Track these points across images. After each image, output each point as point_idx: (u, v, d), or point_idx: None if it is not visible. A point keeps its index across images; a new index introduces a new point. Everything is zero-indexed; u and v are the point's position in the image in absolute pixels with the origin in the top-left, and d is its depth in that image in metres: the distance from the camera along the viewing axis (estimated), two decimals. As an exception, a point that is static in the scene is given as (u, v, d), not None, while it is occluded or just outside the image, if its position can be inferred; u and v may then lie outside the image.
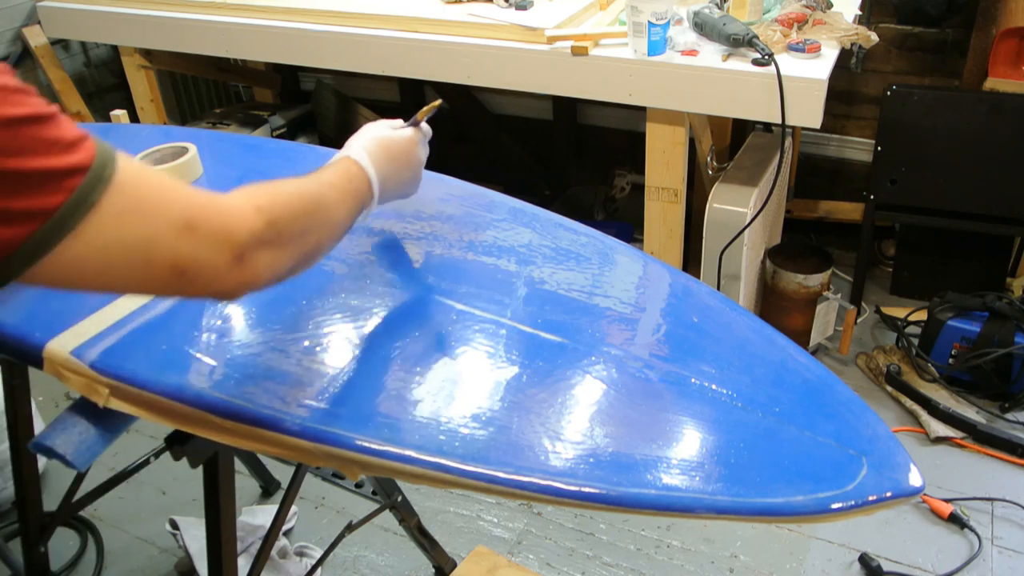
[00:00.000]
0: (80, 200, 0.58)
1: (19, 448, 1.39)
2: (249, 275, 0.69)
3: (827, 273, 2.12)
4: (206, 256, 0.65)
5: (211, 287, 0.67)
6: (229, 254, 0.66)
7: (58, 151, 0.57)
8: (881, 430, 0.83)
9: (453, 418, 0.83)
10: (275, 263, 0.72)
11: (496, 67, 1.87)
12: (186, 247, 0.64)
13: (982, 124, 2.07)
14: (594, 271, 1.07)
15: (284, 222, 0.72)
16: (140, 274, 0.63)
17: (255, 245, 0.69)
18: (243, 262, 0.68)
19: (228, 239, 0.66)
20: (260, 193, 0.72)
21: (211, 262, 0.65)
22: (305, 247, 0.76)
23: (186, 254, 0.64)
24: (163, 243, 0.63)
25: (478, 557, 1.69)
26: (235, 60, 2.94)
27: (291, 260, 0.74)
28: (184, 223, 0.63)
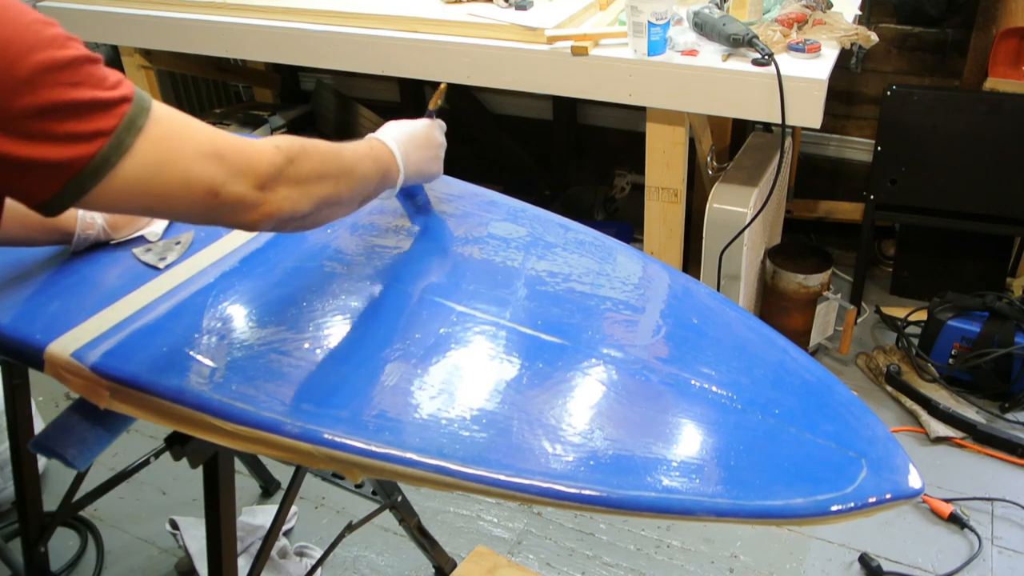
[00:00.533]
0: (130, 124, 0.67)
1: (19, 448, 1.40)
2: (272, 205, 0.76)
3: (827, 273, 2.12)
4: (234, 182, 0.73)
5: (239, 212, 0.75)
6: (253, 180, 0.74)
7: (108, 85, 0.67)
8: (880, 431, 0.83)
9: (454, 420, 0.83)
10: (294, 198, 0.78)
11: (496, 67, 1.87)
12: (217, 171, 0.72)
13: (982, 124, 2.07)
14: (594, 272, 1.07)
15: (302, 162, 0.79)
16: (181, 194, 0.71)
17: (276, 177, 0.76)
18: (266, 192, 0.76)
19: (251, 168, 0.74)
20: (283, 138, 0.80)
21: (238, 186, 0.73)
22: (324, 190, 0.83)
23: (218, 178, 0.72)
24: (197, 167, 0.71)
25: (478, 557, 1.69)
26: (235, 60, 2.94)
27: (309, 200, 0.81)
28: (212, 151, 0.72)
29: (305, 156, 0.80)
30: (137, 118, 0.68)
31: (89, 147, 0.65)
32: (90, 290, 1.02)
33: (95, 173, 0.66)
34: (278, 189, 0.77)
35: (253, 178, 0.74)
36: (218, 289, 1.02)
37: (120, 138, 0.67)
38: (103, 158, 0.66)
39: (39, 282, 1.04)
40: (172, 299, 0.99)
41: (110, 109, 0.67)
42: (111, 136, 0.66)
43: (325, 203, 0.84)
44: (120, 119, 0.67)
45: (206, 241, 1.11)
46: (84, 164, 0.66)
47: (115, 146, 0.67)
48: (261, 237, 1.11)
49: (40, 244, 1.08)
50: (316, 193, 0.81)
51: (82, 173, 0.66)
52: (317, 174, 0.82)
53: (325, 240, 1.12)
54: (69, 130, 0.64)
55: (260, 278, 1.04)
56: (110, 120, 0.66)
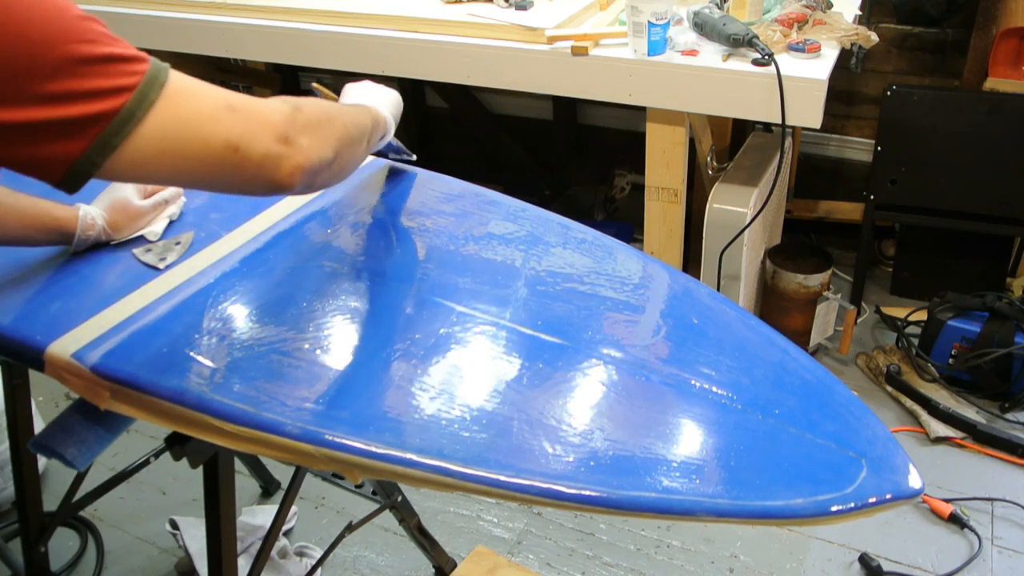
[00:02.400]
0: (152, 79, 0.68)
1: (19, 448, 1.40)
2: (299, 156, 0.76)
3: (827, 273, 2.12)
4: (252, 133, 0.72)
5: (268, 170, 0.74)
6: (273, 134, 0.74)
7: (126, 46, 0.69)
8: (880, 431, 0.83)
9: (454, 421, 0.83)
10: (316, 144, 0.78)
11: (496, 67, 1.87)
12: (234, 125, 0.71)
13: (982, 124, 2.07)
14: (594, 272, 1.07)
15: (307, 108, 0.79)
16: (202, 152, 0.70)
17: (293, 126, 0.76)
18: (290, 143, 0.75)
19: (267, 121, 0.74)
20: (279, 96, 0.80)
21: (259, 140, 0.73)
22: (335, 130, 0.83)
23: (235, 131, 0.71)
24: (213, 120, 0.71)
25: (478, 557, 1.69)
26: (235, 60, 2.93)
27: (329, 143, 0.81)
28: (225, 104, 0.72)
29: (306, 103, 0.80)
30: (158, 74, 0.69)
31: (114, 101, 0.66)
32: (90, 291, 1.02)
33: (121, 129, 0.66)
34: (299, 139, 0.76)
35: (271, 130, 0.74)
36: (218, 289, 1.01)
37: (144, 93, 0.67)
38: (128, 112, 0.67)
39: (39, 283, 1.04)
40: (172, 299, 0.99)
41: (131, 65, 0.68)
42: (135, 91, 0.67)
43: (343, 144, 0.84)
44: (142, 76, 0.68)
45: (206, 241, 1.11)
46: (110, 119, 0.66)
47: (139, 100, 0.67)
48: (261, 237, 1.11)
49: (40, 244, 1.08)
50: (332, 136, 0.82)
51: (108, 130, 0.66)
52: (325, 116, 0.82)
53: (325, 240, 1.12)
54: (92, 87, 0.65)
55: (260, 278, 1.04)
56: (132, 77, 0.67)
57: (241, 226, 1.13)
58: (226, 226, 1.14)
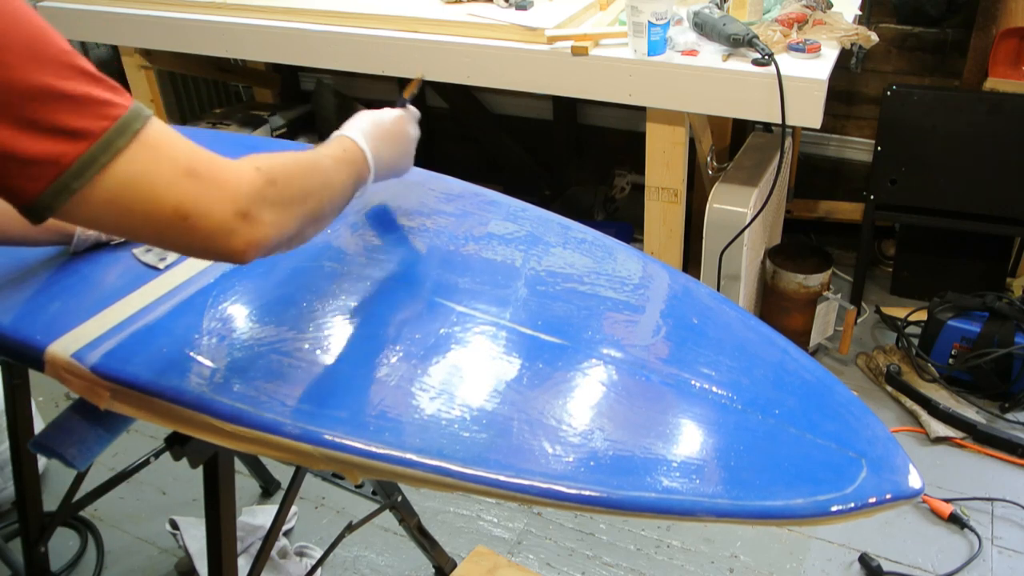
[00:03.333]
0: (123, 127, 0.66)
1: (19, 448, 1.40)
2: (257, 233, 0.72)
3: (827, 273, 2.12)
4: (207, 203, 0.69)
5: (217, 240, 0.70)
6: (232, 207, 0.70)
7: (109, 88, 0.67)
8: (880, 431, 0.83)
9: (454, 421, 0.83)
10: (280, 221, 0.75)
11: (496, 67, 1.87)
12: (188, 191, 0.68)
13: (982, 124, 2.07)
14: (594, 272, 1.07)
15: (283, 181, 0.76)
16: (148, 210, 0.68)
17: (259, 202, 0.72)
18: (249, 219, 0.71)
19: (230, 192, 0.70)
20: (261, 157, 0.76)
21: (212, 210, 0.69)
22: (307, 207, 0.80)
23: (188, 198, 0.68)
24: (167, 184, 0.68)
25: (478, 557, 1.69)
26: (235, 60, 2.94)
27: (295, 220, 0.78)
28: (187, 168, 0.69)
29: (287, 175, 0.77)
30: (132, 122, 0.67)
31: (78, 145, 0.64)
32: (90, 290, 1.02)
33: (81, 174, 0.65)
34: (262, 215, 0.72)
35: (230, 202, 0.70)
36: (218, 290, 1.02)
37: (110, 140, 0.65)
38: (91, 157, 0.65)
39: (39, 283, 1.04)
40: (172, 300, 0.99)
41: (105, 108, 0.66)
42: (101, 137, 0.65)
43: (309, 221, 0.81)
44: (113, 122, 0.66)
45: (206, 241, 1.11)
46: (70, 163, 0.64)
47: (104, 146, 0.65)
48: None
49: (40, 244, 1.08)
50: (300, 213, 0.79)
51: (68, 173, 0.64)
52: (301, 193, 0.79)
53: (325, 240, 1.11)
54: (60, 123, 0.63)
55: (260, 278, 1.04)
56: (102, 121, 0.65)
57: (241, 226, 1.13)
58: (226, 226, 1.13)
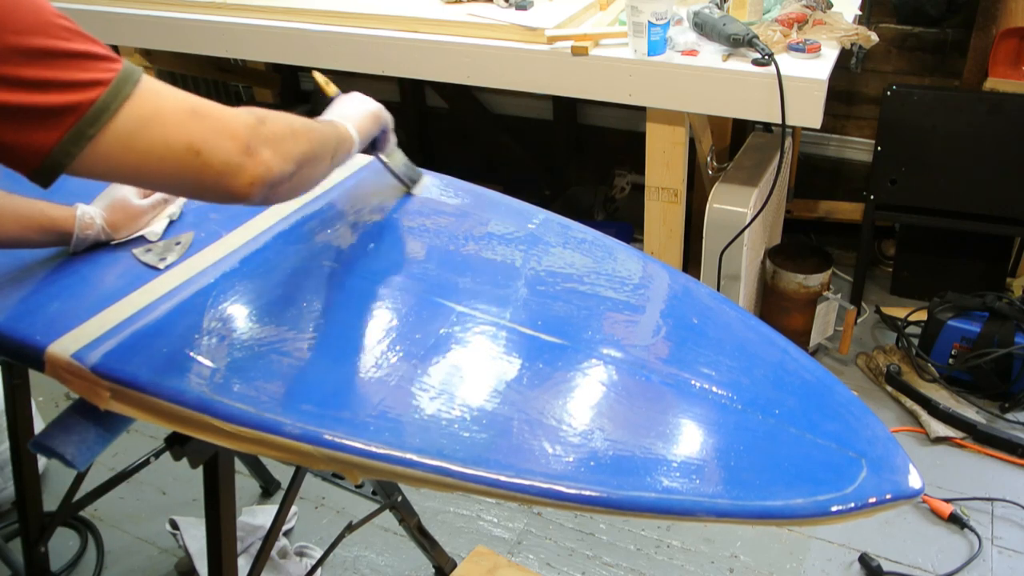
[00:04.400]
0: (125, 77, 0.70)
1: (19, 448, 1.40)
2: (260, 168, 0.76)
3: (827, 273, 2.12)
4: (215, 140, 0.73)
5: (227, 177, 0.75)
6: (235, 143, 0.74)
7: (101, 47, 0.71)
8: (880, 431, 0.83)
9: (454, 421, 0.83)
10: (277, 159, 0.79)
11: (496, 67, 1.87)
12: (197, 129, 0.72)
13: (982, 124, 2.07)
14: (594, 272, 1.07)
15: (272, 121, 0.80)
16: (163, 151, 0.71)
17: (256, 139, 0.77)
18: (251, 154, 0.76)
19: (231, 128, 0.75)
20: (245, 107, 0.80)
21: (220, 147, 0.74)
22: (298, 147, 0.83)
23: (198, 135, 0.72)
24: (178, 123, 0.72)
25: (478, 557, 1.69)
26: (235, 60, 2.93)
27: (291, 158, 0.81)
28: (191, 109, 0.73)
29: (272, 116, 0.81)
30: (132, 73, 0.71)
31: (90, 93, 0.68)
32: (90, 291, 1.02)
33: (96, 119, 0.68)
34: (260, 151, 0.77)
35: (233, 138, 0.75)
36: (218, 290, 1.01)
37: (118, 87, 0.69)
38: (104, 103, 0.68)
39: (39, 283, 1.04)
40: (172, 300, 0.99)
41: (105, 63, 0.69)
42: (110, 85, 0.68)
43: (304, 160, 0.84)
44: (116, 73, 0.69)
45: (206, 241, 1.11)
46: (86, 109, 0.67)
47: (114, 94, 0.68)
48: (261, 237, 1.11)
49: (38, 246, 1.08)
50: (293, 151, 0.82)
51: (84, 119, 0.67)
52: (289, 131, 0.83)
53: (325, 240, 1.12)
54: (68, 78, 0.67)
55: (260, 278, 1.04)
56: (107, 73, 0.69)
57: (241, 226, 1.13)
58: (226, 226, 1.14)
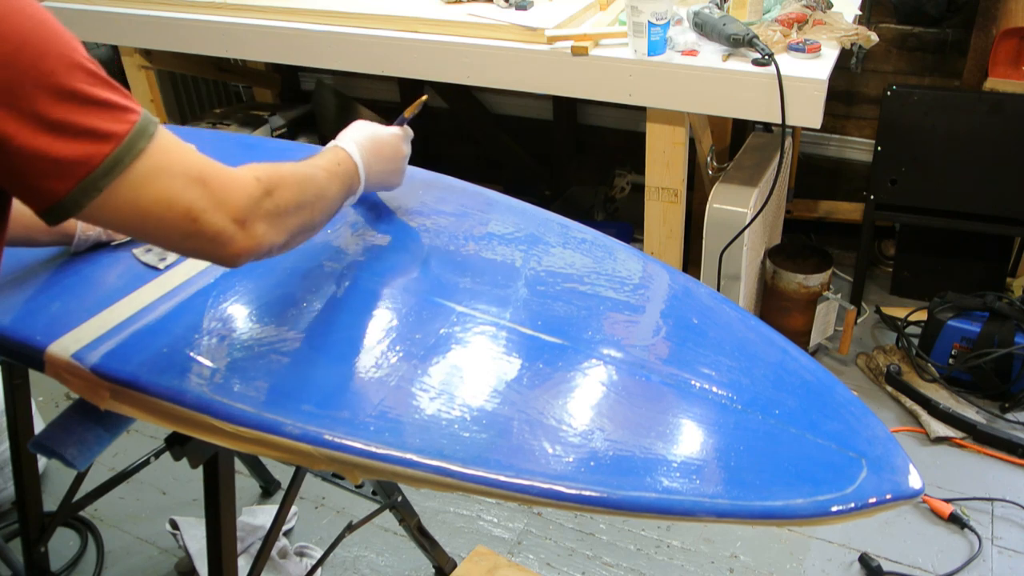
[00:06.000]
0: (141, 130, 0.70)
1: (19, 448, 1.40)
2: (251, 242, 0.77)
3: (827, 273, 2.12)
4: (213, 209, 0.74)
5: (217, 245, 0.76)
6: (232, 214, 0.75)
7: (123, 94, 0.71)
8: (880, 432, 0.83)
9: (454, 421, 0.83)
10: (273, 232, 0.80)
11: (496, 67, 1.87)
12: (200, 196, 0.73)
13: (982, 124, 2.07)
14: (594, 272, 1.07)
15: (279, 193, 0.81)
16: (163, 212, 0.72)
17: (256, 212, 0.78)
18: (246, 228, 0.77)
19: (232, 200, 0.76)
20: (260, 167, 0.81)
21: (217, 217, 0.74)
22: (299, 219, 0.85)
23: (199, 203, 0.73)
24: (183, 187, 0.73)
25: (478, 557, 1.69)
26: (235, 60, 2.94)
27: (286, 231, 0.83)
28: (198, 175, 0.74)
29: (284, 186, 0.82)
30: (148, 126, 0.71)
31: (105, 146, 0.68)
32: (90, 291, 1.02)
33: (108, 173, 0.68)
34: (256, 224, 0.78)
35: (233, 210, 0.75)
36: (218, 290, 1.02)
37: (133, 141, 0.69)
38: (117, 158, 0.69)
39: (39, 283, 1.04)
40: (172, 300, 0.99)
41: (124, 113, 0.70)
42: (125, 138, 0.69)
43: (299, 231, 0.86)
44: (132, 125, 0.70)
45: (206, 241, 1.11)
46: (99, 162, 0.68)
47: (128, 148, 0.69)
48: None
49: (41, 245, 1.08)
50: (292, 224, 0.83)
51: (95, 173, 0.68)
52: (295, 204, 0.83)
53: (325, 240, 1.12)
54: (87, 125, 0.67)
55: (260, 278, 1.04)
56: (124, 124, 0.69)
57: (241, 226, 1.13)
58: (226, 226, 1.13)
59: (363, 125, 1.09)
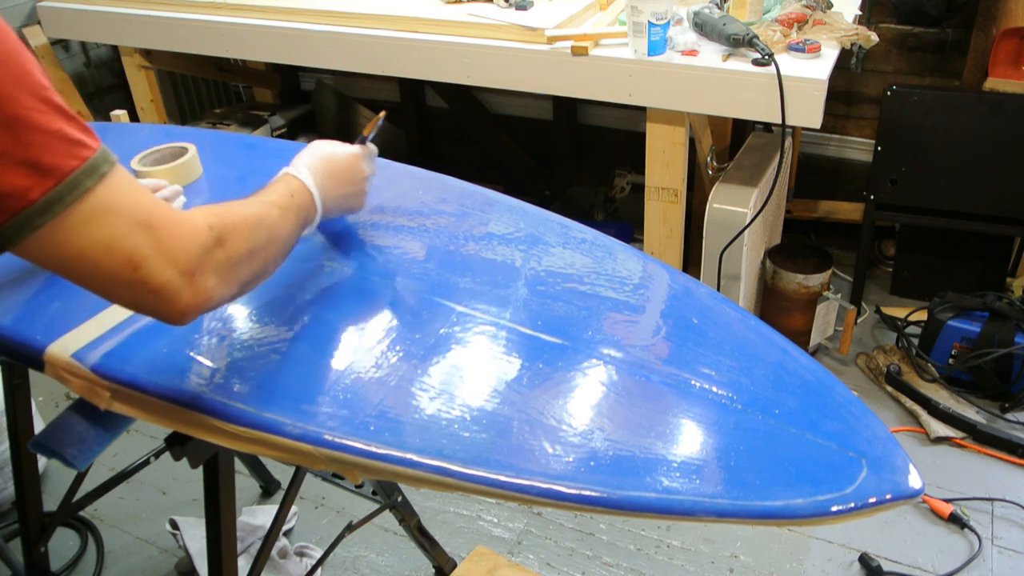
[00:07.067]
0: (90, 168, 0.65)
1: (19, 448, 1.40)
2: (199, 297, 0.72)
3: (827, 273, 2.12)
4: (158, 258, 0.68)
5: (162, 297, 0.70)
6: (182, 265, 0.70)
7: (79, 127, 0.66)
8: (880, 431, 0.83)
9: (454, 421, 0.83)
10: (222, 286, 0.75)
11: (496, 67, 1.87)
12: (144, 243, 0.68)
13: (982, 124, 2.07)
14: (594, 272, 1.07)
15: (233, 240, 0.76)
16: (101, 257, 0.67)
17: (205, 264, 0.72)
18: (194, 281, 0.71)
19: (180, 249, 0.70)
20: (214, 212, 0.76)
21: (163, 267, 0.69)
22: (251, 268, 0.80)
23: (142, 250, 0.68)
24: (126, 232, 0.67)
25: (478, 557, 1.69)
26: (235, 60, 2.94)
27: (237, 283, 0.78)
28: (146, 219, 0.68)
29: (236, 233, 0.76)
30: (100, 165, 0.66)
31: (45, 182, 0.63)
32: (90, 290, 1.02)
33: (44, 211, 0.63)
34: (205, 278, 0.72)
35: (181, 261, 0.70)
36: (218, 289, 1.01)
37: (78, 180, 0.64)
38: (56, 196, 0.64)
39: (39, 283, 1.04)
40: (172, 299, 0.99)
41: (74, 148, 0.65)
42: (68, 176, 0.64)
43: (251, 280, 0.81)
44: (81, 162, 0.65)
45: (206, 241, 1.11)
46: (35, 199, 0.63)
47: (71, 186, 0.64)
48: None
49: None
50: (244, 274, 0.78)
51: (31, 209, 0.63)
52: (247, 251, 0.78)
53: (325, 240, 1.11)
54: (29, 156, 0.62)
55: (260, 278, 1.03)
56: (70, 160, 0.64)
57: (241, 226, 1.13)
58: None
59: (318, 147, 1.03)
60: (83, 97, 2.80)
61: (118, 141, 1.43)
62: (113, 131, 1.51)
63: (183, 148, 1.29)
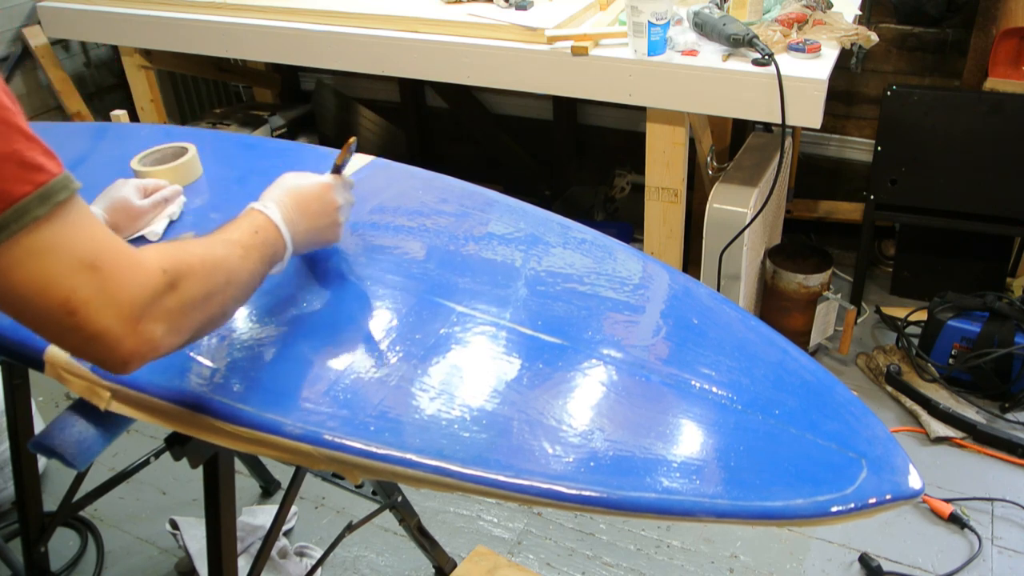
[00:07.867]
0: (43, 196, 0.61)
1: (19, 448, 1.40)
2: (145, 347, 0.66)
3: (827, 273, 2.12)
4: (99, 303, 0.63)
5: (100, 345, 0.64)
6: (124, 312, 0.64)
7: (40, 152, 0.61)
8: (880, 432, 0.83)
9: (454, 421, 0.83)
10: (172, 335, 0.69)
11: (496, 67, 1.87)
12: (83, 286, 0.62)
13: (982, 124, 2.07)
14: (594, 272, 1.07)
15: (187, 285, 0.70)
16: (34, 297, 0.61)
17: (153, 310, 0.66)
18: (137, 330, 0.65)
19: (125, 294, 0.64)
20: (169, 253, 0.71)
21: (103, 313, 0.63)
22: (206, 313, 0.74)
23: (81, 293, 0.62)
24: (64, 273, 0.62)
25: (478, 557, 1.69)
26: (235, 60, 2.94)
27: (189, 330, 0.72)
28: (91, 259, 0.63)
29: (192, 276, 0.71)
30: (54, 194, 0.61)
31: None
32: (90, 290, 1.02)
33: None
34: (152, 325, 0.66)
35: (126, 307, 0.64)
36: (218, 289, 1.01)
37: (25, 208, 0.60)
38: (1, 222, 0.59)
39: (39, 282, 1.04)
40: (172, 299, 0.99)
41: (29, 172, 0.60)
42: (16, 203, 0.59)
43: (207, 325, 0.75)
44: (34, 188, 0.60)
45: (206, 241, 1.11)
46: None
47: (17, 214, 0.59)
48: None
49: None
50: (196, 320, 0.72)
51: None
52: (202, 295, 0.72)
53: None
54: None
55: (260, 278, 1.03)
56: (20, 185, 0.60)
57: (241, 226, 1.13)
58: (226, 226, 1.13)
59: (287, 180, 0.98)
60: (83, 97, 2.81)
61: (118, 141, 1.43)
62: (113, 131, 1.51)
63: (183, 148, 1.29)
